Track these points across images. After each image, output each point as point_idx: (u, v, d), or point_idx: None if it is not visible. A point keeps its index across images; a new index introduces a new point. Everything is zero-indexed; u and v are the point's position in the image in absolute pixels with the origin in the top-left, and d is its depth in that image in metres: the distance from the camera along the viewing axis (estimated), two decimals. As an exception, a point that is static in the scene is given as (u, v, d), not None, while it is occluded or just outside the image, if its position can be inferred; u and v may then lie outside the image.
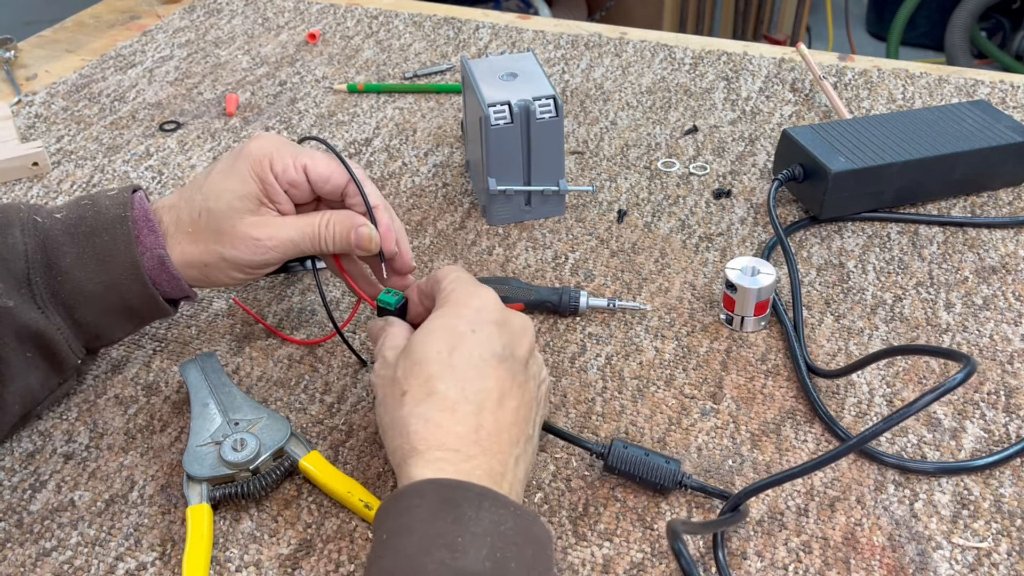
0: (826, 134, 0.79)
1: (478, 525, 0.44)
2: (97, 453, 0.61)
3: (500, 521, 0.45)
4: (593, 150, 0.89)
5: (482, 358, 0.50)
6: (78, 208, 0.59)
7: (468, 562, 0.42)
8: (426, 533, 0.44)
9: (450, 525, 0.44)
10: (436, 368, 0.50)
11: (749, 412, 0.62)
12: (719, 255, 0.76)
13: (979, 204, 0.81)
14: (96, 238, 0.57)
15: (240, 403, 0.60)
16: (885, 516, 0.55)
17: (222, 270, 0.59)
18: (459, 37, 1.11)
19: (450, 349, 0.50)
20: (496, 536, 0.44)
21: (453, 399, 0.49)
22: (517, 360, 0.52)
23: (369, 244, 0.59)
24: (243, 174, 0.58)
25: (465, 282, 0.55)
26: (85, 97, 1.01)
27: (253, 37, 1.13)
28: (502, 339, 0.52)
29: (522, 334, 0.54)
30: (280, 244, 0.58)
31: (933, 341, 0.67)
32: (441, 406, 0.49)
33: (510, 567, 0.43)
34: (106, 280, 0.57)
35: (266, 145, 0.59)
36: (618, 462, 0.56)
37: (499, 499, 0.46)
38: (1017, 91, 0.96)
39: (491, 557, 0.43)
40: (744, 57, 1.04)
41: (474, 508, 0.44)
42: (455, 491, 0.45)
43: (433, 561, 0.42)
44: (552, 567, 0.46)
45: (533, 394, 0.53)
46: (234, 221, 0.57)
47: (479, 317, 0.52)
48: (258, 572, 0.53)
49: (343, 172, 0.60)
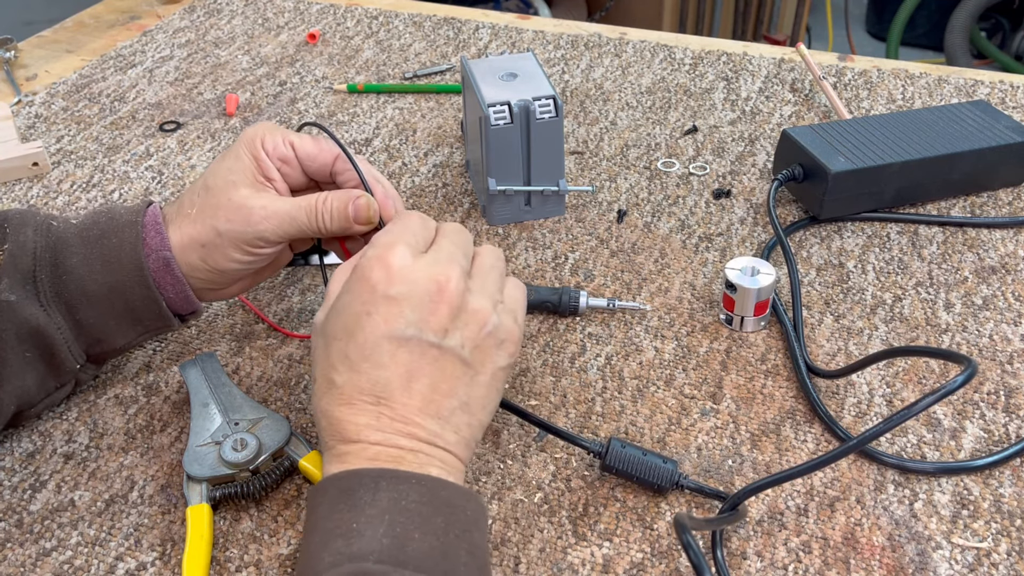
0: (826, 134, 0.79)
1: (374, 507, 0.44)
2: (97, 453, 0.61)
3: (399, 497, 0.45)
4: (593, 150, 0.89)
5: (376, 344, 0.48)
6: (94, 215, 0.60)
7: (364, 543, 0.43)
8: (325, 529, 0.44)
9: (346, 513, 0.44)
10: (335, 358, 0.49)
11: (749, 412, 0.62)
12: (719, 255, 0.76)
13: (979, 204, 0.81)
14: (105, 240, 0.58)
15: (240, 403, 0.60)
16: (885, 516, 0.55)
17: (220, 249, 0.58)
18: (459, 37, 1.11)
19: (347, 336, 0.49)
20: (396, 512, 0.44)
21: (348, 393, 0.48)
22: (427, 335, 0.48)
23: (368, 212, 0.58)
24: (237, 152, 0.59)
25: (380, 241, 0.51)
26: (85, 97, 1.01)
27: (253, 37, 1.13)
28: (404, 317, 0.48)
29: (434, 300, 0.49)
30: (275, 215, 0.57)
31: (933, 341, 0.67)
32: (339, 400, 0.48)
33: (412, 538, 0.43)
34: (110, 281, 0.57)
35: (259, 127, 0.60)
36: (616, 461, 0.56)
37: (398, 475, 0.46)
38: (1017, 91, 0.96)
39: (389, 533, 0.43)
40: (744, 57, 1.04)
41: (370, 492, 0.45)
42: (351, 480, 0.46)
43: (330, 552, 0.43)
44: (476, 527, 0.46)
45: (457, 365, 0.49)
46: (230, 193, 0.58)
47: (375, 294, 0.49)
48: (258, 572, 0.53)
49: (330, 152, 0.60)
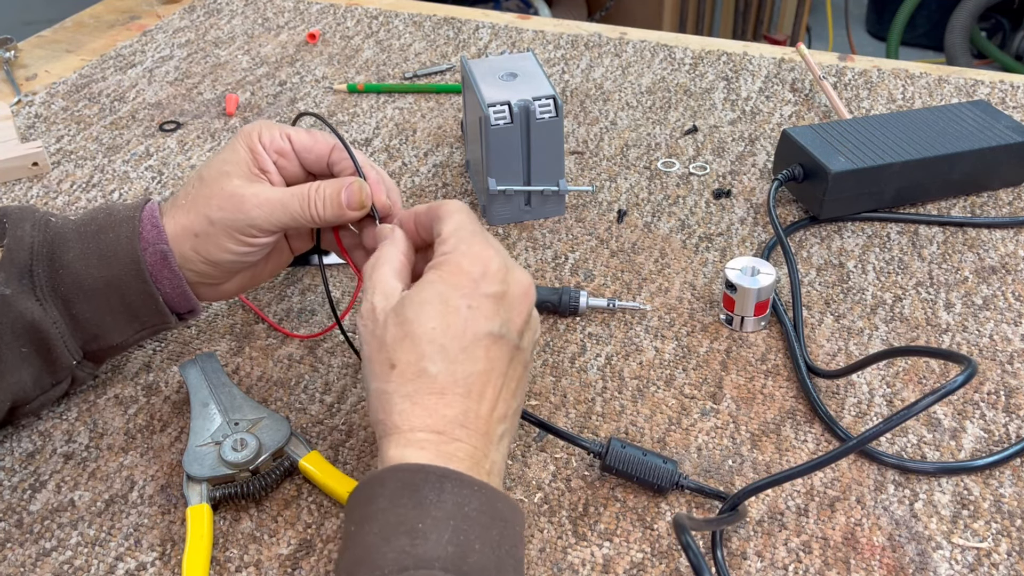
0: (826, 134, 0.79)
1: (440, 508, 0.43)
2: (97, 453, 0.61)
3: (463, 502, 0.44)
4: (593, 150, 0.89)
5: (476, 339, 0.49)
6: (92, 212, 0.60)
7: (429, 547, 0.42)
8: (387, 521, 0.43)
9: (411, 511, 0.43)
10: (427, 348, 0.48)
11: (749, 412, 0.62)
12: (719, 255, 0.76)
13: (979, 204, 0.81)
14: (102, 235, 0.58)
15: (240, 403, 0.60)
16: (885, 516, 0.55)
17: (212, 238, 0.57)
18: (459, 37, 1.11)
19: (444, 327, 0.48)
20: (459, 518, 0.43)
21: (443, 383, 0.48)
22: (512, 335, 0.50)
23: (360, 196, 0.57)
24: (234, 146, 0.59)
25: (469, 238, 0.52)
26: (85, 97, 1.01)
27: (253, 37, 1.13)
28: (499, 316, 0.50)
29: (521, 301, 0.51)
30: (266, 202, 0.57)
31: (933, 341, 0.67)
32: (430, 389, 0.48)
33: (474, 548, 0.43)
34: (106, 275, 0.57)
35: (257, 123, 0.60)
36: (616, 461, 0.56)
37: (462, 479, 0.45)
38: (1017, 91, 0.96)
39: (453, 541, 0.42)
40: (744, 57, 1.04)
41: (435, 491, 0.44)
42: (415, 475, 0.45)
43: (393, 549, 0.42)
44: (520, 543, 0.46)
45: (521, 368, 0.51)
46: (222, 183, 0.58)
47: (477, 290, 0.49)
48: (258, 572, 0.53)
49: (326, 143, 0.60)
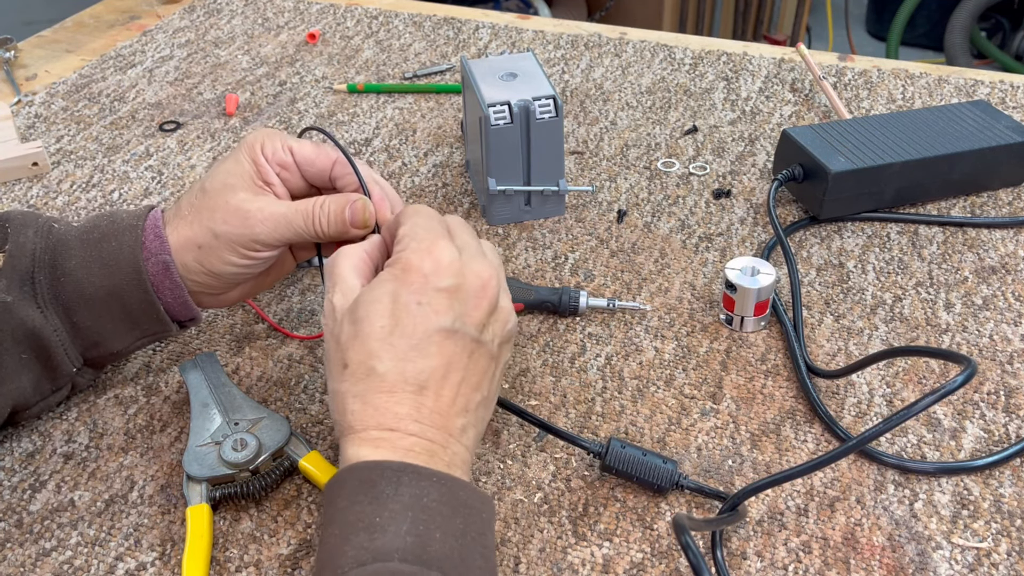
0: (826, 134, 0.79)
1: (397, 501, 0.44)
2: (97, 453, 0.61)
3: (422, 494, 0.44)
4: (593, 150, 0.89)
5: (427, 335, 0.48)
6: (96, 219, 0.60)
7: (387, 540, 0.42)
8: (345, 520, 0.43)
9: (367, 506, 0.43)
10: (376, 345, 0.48)
11: (749, 412, 0.62)
12: (719, 255, 0.76)
13: (979, 204, 0.81)
14: (105, 243, 0.58)
15: (240, 403, 0.60)
16: (885, 516, 0.55)
17: (216, 251, 0.57)
18: (459, 37, 1.11)
19: (393, 324, 0.48)
20: (418, 509, 0.43)
21: (391, 382, 0.48)
22: (468, 328, 0.49)
23: (364, 215, 0.57)
24: (238, 157, 0.59)
25: (422, 235, 0.51)
26: (85, 97, 1.01)
27: (253, 37, 1.13)
28: (452, 310, 0.49)
29: (479, 295, 0.50)
30: (270, 217, 0.57)
31: (933, 341, 0.67)
32: (379, 388, 0.48)
33: (434, 537, 0.43)
34: (107, 284, 0.57)
35: (259, 133, 0.60)
36: (615, 461, 0.56)
37: (419, 472, 0.45)
38: (1017, 91, 0.96)
39: (412, 531, 0.43)
40: (744, 57, 1.04)
41: (392, 485, 0.44)
42: (372, 471, 0.45)
43: (353, 547, 0.42)
44: (489, 531, 0.46)
45: (487, 359, 0.51)
46: (227, 196, 0.57)
47: (427, 285, 0.49)
48: (258, 572, 0.53)
49: (329, 157, 0.60)
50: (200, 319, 0.62)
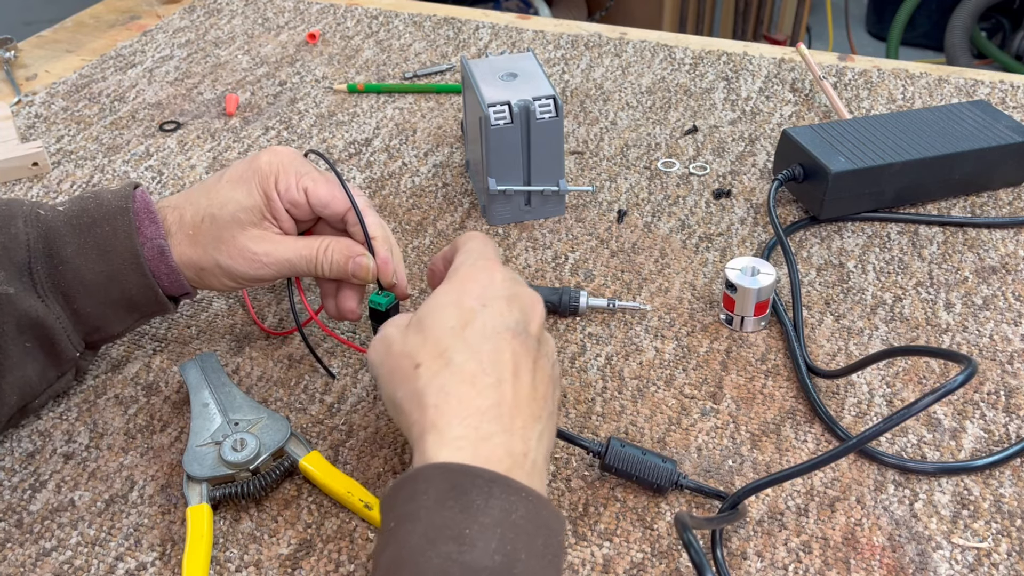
0: (826, 134, 0.79)
1: (487, 515, 0.42)
2: (97, 453, 0.61)
3: (511, 509, 0.43)
4: (593, 150, 0.89)
5: (495, 331, 0.48)
6: (80, 202, 0.60)
7: (476, 556, 0.41)
8: (431, 523, 0.42)
9: (458, 514, 0.42)
10: (450, 341, 0.48)
11: (749, 412, 0.62)
12: (719, 255, 0.76)
13: (979, 204, 0.81)
14: (97, 228, 0.58)
15: (240, 403, 0.60)
16: (885, 516, 0.55)
17: (216, 276, 0.60)
18: (459, 37, 1.11)
19: (463, 324, 0.49)
20: (506, 526, 0.42)
21: (471, 371, 0.47)
22: (530, 335, 0.50)
23: (366, 275, 0.60)
24: (250, 187, 0.59)
25: (475, 258, 0.53)
26: (85, 97, 1.01)
27: (253, 37, 1.13)
28: (514, 314, 0.50)
29: (532, 309, 0.51)
30: (276, 262, 0.59)
31: (933, 341, 0.67)
32: (460, 378, 0.47)
33: (519, 558, 0.41)
34: (106, 270, 0.58)
35: (274, 161, 0.60)
36: (615, 461, 0.56)
37: (510, 485, 0.44)
38: (1017, 91, 0.96)
39: (501, 550, 0.41)
40: (744, 57, 1.04)
41: (483, 496, 0.42)
42: (464, 477, 0.43)
43: (438, 554, 0.41)
44: (562, 553, 0.45)
45: (548, 371, 0.51)
46: (235, 231, 0.58)
47: (486, 292, 0.50)
48: (258, 572, 0.53)
49: (344, 200, 0.60)
50: (194, 294, 0.63)
